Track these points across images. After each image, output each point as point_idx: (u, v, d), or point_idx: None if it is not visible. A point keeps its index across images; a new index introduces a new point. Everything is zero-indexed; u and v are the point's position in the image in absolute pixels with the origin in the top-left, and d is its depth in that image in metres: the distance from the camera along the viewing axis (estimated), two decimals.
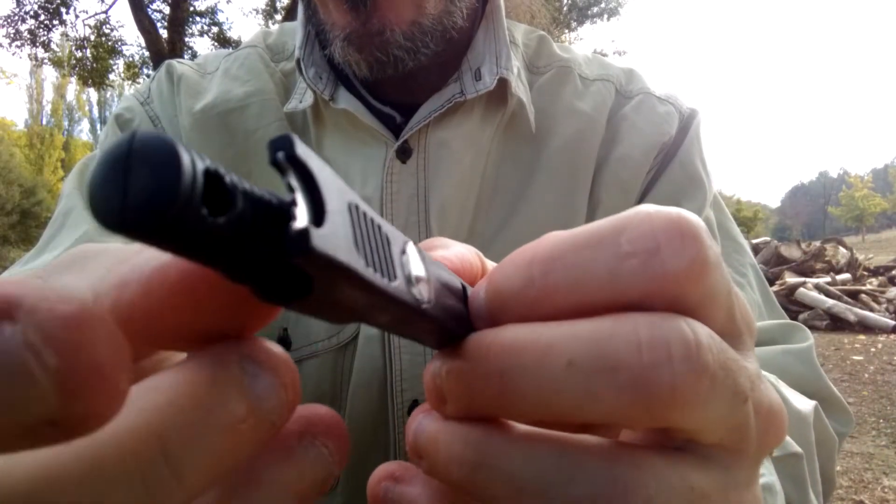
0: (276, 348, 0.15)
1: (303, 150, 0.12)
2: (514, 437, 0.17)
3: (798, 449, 0.35)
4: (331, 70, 0.51)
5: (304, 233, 0.11)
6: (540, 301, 0.16)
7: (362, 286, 0.13)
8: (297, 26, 0.53)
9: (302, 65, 0.50)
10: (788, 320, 0.52)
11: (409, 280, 0.15)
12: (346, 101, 0.50)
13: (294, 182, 0.12)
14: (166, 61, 0.57)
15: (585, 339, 0.15)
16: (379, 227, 0.14)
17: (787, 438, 0.35)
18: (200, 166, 0.10)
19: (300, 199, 0.12)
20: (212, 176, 0.10)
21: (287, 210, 0.11)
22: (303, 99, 0.51)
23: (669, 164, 0.53)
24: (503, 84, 0.50)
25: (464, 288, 0.18)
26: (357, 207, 0.13)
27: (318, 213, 0.12)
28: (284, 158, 0.12)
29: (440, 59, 0.50)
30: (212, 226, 0.10)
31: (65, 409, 0.09)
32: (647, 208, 0.16)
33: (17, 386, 0.08)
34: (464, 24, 0.50)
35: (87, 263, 0.16)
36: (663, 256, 0.15)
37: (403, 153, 0.50)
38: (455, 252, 0.20)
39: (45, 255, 0.47)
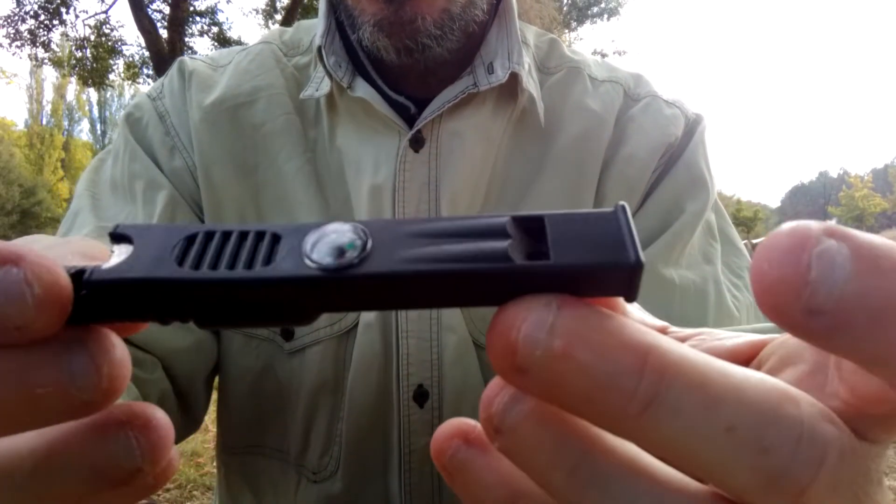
0: (117, 342, 0.15)
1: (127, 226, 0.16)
2: (618, 461, 0.14)
3: None
4: (349, 60, 0.52)
5: (79, 273, 0.14)
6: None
7: (213, 289, 0.14)
8: (318, 18, 0.54)
9: (323, 52, 0.51)
10: None
11: (308, 255, 0.14)
12: (362, 89, 0.51)
13: (111, 249, 0.16)
14: (179, 58, 0.59)
15: (753, 408, 0.13)
16: (259, 234, 0.15)
17: None
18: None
19: (113, 258, 0.15)
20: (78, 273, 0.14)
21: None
22: (319, 87, 0.53)
23: (675, 165, 0.54)
24: (514, 79, 0.51)
25: (529, 221, 0.15)
26: (208, 233, 0.15)
27: (123, 261, 0.15)
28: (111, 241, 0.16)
29: (459, 54, 0.51)
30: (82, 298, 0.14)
31: (36, 317, 0.13)
32: None
33: (13, 304, 0.13)
34: (484, 17, 0.51)
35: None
36: None
37: (416, 142, 0.51)
38: None
39: None
